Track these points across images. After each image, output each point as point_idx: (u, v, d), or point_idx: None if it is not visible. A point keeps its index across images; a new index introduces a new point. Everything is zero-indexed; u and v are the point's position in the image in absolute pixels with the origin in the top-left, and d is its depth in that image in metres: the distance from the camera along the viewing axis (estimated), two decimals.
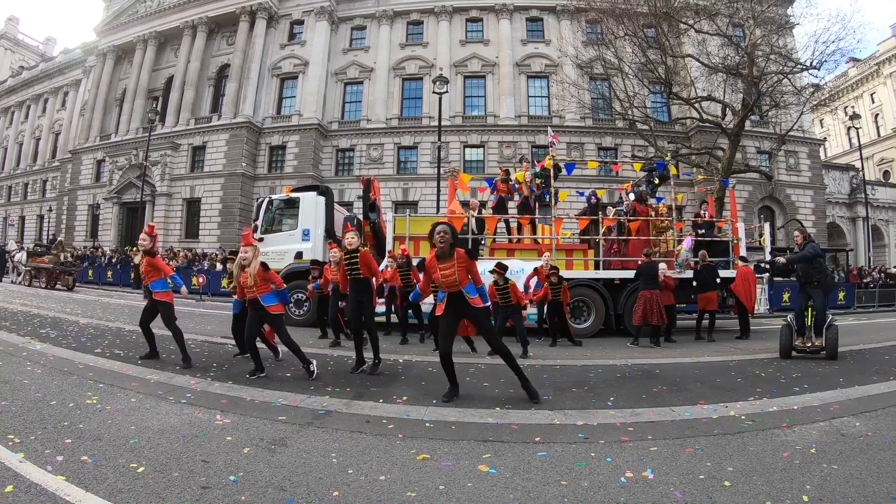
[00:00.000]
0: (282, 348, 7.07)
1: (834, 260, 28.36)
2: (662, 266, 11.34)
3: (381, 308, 11.25)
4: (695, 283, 11.71)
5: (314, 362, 6.44)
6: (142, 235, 7.22)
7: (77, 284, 23.81)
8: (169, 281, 7.25)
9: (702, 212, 14.35)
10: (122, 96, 39.53)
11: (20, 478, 3.05)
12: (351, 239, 7.09)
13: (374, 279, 7.41)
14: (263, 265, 6.44)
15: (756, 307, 12.49)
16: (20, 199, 48.90)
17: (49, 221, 44.27)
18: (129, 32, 39.64)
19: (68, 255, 25.60)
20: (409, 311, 10.85)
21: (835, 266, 27.58)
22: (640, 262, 11.24)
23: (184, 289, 7.73)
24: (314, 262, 11.97)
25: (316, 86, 34.92)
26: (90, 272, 28.14)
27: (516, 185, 13.67)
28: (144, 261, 7.07)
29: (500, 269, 9.16)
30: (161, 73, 38.64)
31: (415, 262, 10.79)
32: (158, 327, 7.27)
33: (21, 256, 24.95)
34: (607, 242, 12.90)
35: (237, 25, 36.07)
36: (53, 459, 3.36)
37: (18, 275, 24.72)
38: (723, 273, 12.56)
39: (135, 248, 25.87)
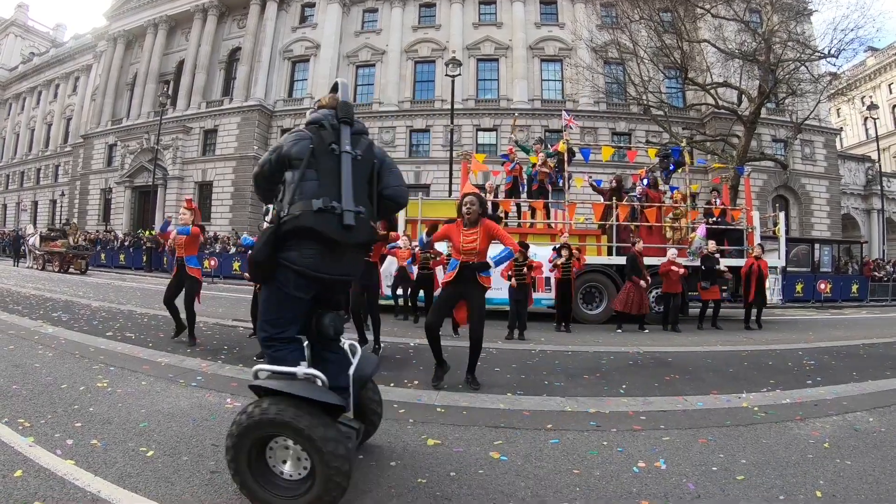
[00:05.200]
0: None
1: (848, 252, 28.03)
2: (672, 252, 11.26)
3: (388, 292, 11.31)
4: (703, 273, 11.58)
5: None
6: (182, 210, 7.30)
7: (90, 268, 23.99)
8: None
9: (713, 199, 14.17)
10: (134, 81, 39.58)
11: (29, 462, 3.06)
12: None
13: (380, 264, 7.35)
14: None
15: (768, 298, 12.44)
16: (33, 185, 49.23)
17: (61, 206, 44.55)
18: (139, 17, 39.60)
19: (80, 238, 25.77)
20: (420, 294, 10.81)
21: (849, 258, 27.25)
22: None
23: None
24: None
25: (327, 69, 34.71)
26: (102, 256, 28.39)
27: (533, 169, 13.54)
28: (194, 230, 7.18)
29: (522, 247, 9.31)
30: (172, 57, 38.63)
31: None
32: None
33: (34, 241, 25.16)
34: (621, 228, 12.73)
35: (248, 8, 35.94)
36: (63, 443, 3.37)
37: (35, 259, 24.94)
38: (736, 262, 12.49)
39: (149, 232, 26.05)
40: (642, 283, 10.75)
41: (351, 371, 3.11)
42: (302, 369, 2.77)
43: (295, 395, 2.60)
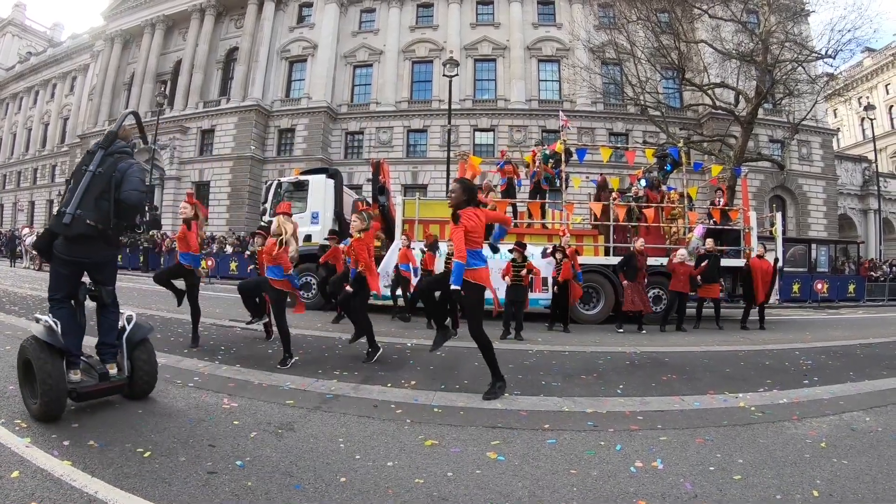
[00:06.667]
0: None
1: (845, 252, 28.13)
2: (682, 252, 11.28)
3: (386, 292, 11.31)
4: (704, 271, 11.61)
5: (295, 358, 6.19)
6: (182, 204, 7.26)
7: None
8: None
9: (716, 199, 14.18)
10: (131, 80, 39.51)
11: (26, 463, 3.06)
12: (355, 222, 7.04)
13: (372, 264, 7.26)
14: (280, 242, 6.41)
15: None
16: (29, 185, 49.00)
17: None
18: (136, 17, 39.54)
19: None
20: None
21: (845, 258, 27.36)
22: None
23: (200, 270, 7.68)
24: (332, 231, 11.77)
25: (325, 69, 34.75)
26: None
27: (527, 169, 13.58)
28: (181, 228, 7.16)
29: (520, 247, 9.52)
30: (169, 57, 38.54)
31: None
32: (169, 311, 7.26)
33: (31, 241, 25.05)
34: (618, 228, 12.73)
35: (245, 8, 35.86)
36: (60, 444, 3.37)
37: (31, 260, 24.86)
38: (733, 262, 12.53)
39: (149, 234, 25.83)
40: (625, 281, 10.78)
41: (124, 336, 4.37)
42: (46, 318, 3.94)
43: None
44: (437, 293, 5.47)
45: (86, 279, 4.31)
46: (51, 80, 49.21)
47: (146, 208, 4.51)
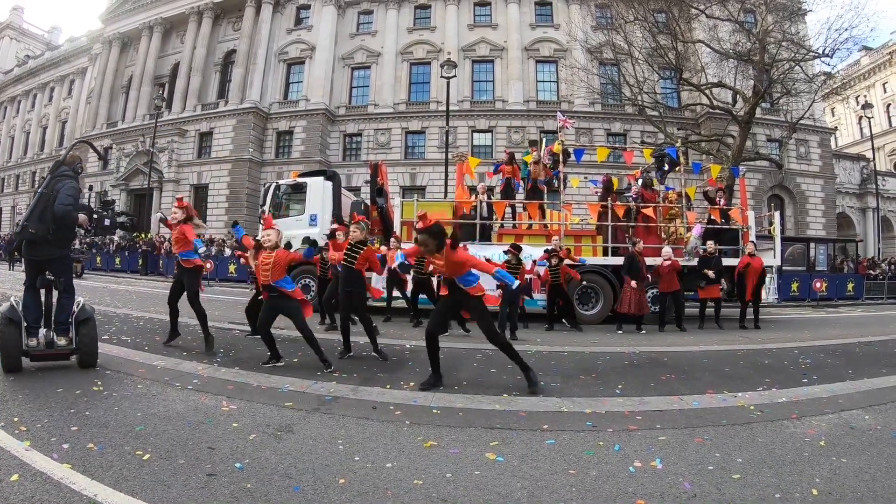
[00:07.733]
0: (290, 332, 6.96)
1: (843, 250, 28.17)
2: (667, 251, 11.27)
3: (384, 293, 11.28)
4: (705, 272, 11.59)
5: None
6: (173, 209, 7.24)
7: (85, 271, 23.91)
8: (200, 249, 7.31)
9: (717, 199, 14.16)
10: (129, 83, 39.53)
11: (26, 466, 3.05)
12: (354, 232, 7.07)
13: (364, 271, 7.25)
14: (287, 245, 6.46)
15: (764, 297, 12.46)
16: (28, 188, 48.82)
17: None
18: (134, 20, 39.57)
19: (75, 241, 25.67)
20: (420, 296, 10.74)
21: (844, 256, 27.40)
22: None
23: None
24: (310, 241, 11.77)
25: (323, 71, 34.79)
26: (98, 259, 28.31)
27: (528, 168, 13.54)
28: (179, 228, 7.07)
29: (515, 249, 9.66)
30: (167, 60, 38.59)
31: None
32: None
33: None
34: (618, 229, 12.70)
35: (243, 11, 35.93)
36: (59, 447, 3.36)
37: None
38: (732, 262, 12.53)
39: (143, 235, 25.80)
40: (633, 283, 10.70)
41: (73, 317, 5.45)
42: (13, 298, 5.35)
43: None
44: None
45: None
46: (49, 84, 49.19)
47: (95, 217, 5.78)
